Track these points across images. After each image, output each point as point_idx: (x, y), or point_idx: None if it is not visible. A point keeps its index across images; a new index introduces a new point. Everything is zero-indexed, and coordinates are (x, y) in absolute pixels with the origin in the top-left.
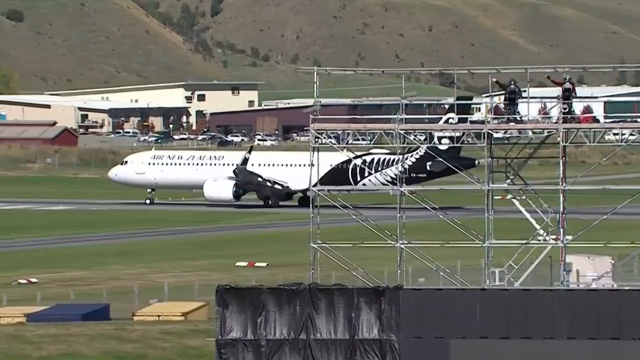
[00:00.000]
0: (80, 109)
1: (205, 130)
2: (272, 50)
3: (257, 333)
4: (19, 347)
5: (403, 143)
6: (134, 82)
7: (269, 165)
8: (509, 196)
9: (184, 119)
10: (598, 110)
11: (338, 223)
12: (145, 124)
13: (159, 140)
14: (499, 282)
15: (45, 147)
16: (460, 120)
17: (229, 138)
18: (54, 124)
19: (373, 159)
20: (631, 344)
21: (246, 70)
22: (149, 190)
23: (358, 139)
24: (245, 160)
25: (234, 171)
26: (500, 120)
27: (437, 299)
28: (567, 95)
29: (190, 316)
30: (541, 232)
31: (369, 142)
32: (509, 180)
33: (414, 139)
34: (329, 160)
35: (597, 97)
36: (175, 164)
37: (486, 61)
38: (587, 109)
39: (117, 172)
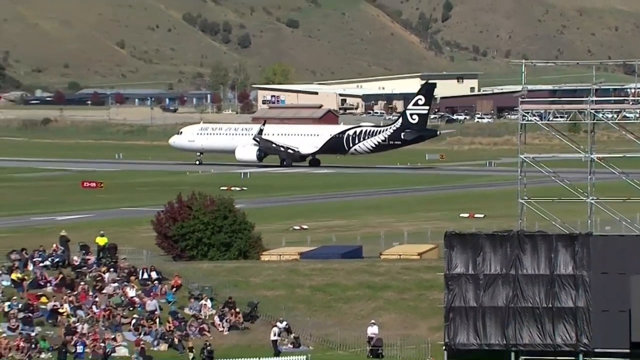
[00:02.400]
0: (340, 95)
1: (436, 110)
2: (489, 47)
3: (476, 269)
4: (294, 278)
5: (593, 120)
6: (382, 74)
7: (283, 134)
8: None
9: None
10: None
11: (540, 183)
12: (390, 106)
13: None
14: None
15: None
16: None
17: (455, 116)
18: (320, 106)
19: (362, 130)
20: None
21: (468, 63)
22: (198, 153)
23: (557, 117)
24: (260, 131)
25: (254, 138)
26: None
27: (620, 243)
28: None
29: (424, 256)
30: None
31: (565, 119)
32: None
33: (602, 116)
34: (330, 131)
35: None
36: (217, 134)
37: None
38: None
39: (175, 140)
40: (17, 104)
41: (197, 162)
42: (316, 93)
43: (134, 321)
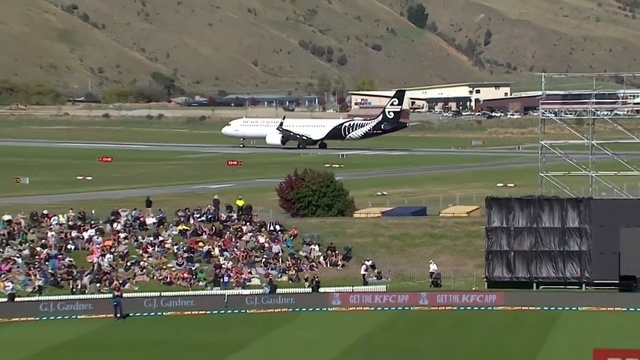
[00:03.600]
0: (410, 98)
1: (480, 109)
2: (518, 64)
3: (508, 223)
4: (377, 229)
5: (593, 116)
6: (440, 83)
7: (299, 126)
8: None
9: (468, 104)
10: None
11: (554, 161)
12: (446, 106)
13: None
14: None
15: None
16: None
17: (493, 114)
18: None
19: (354, 123)
20: None
21: (503, 75)
22: (241, 139)
23: (567, 114)
24: (281, 124)
25: (277, 128)
26: None
27: (612, 205)
28: None
29: (471, 214)
30: None
31: (573, 115)
32: None
33: (600, 113)
34: (332, 123)
35: None
36: (254, 126)
37: None
38: None
39: (225, 130)
40: (183, 105)
41: (241, 146)
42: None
43: (263, 260)
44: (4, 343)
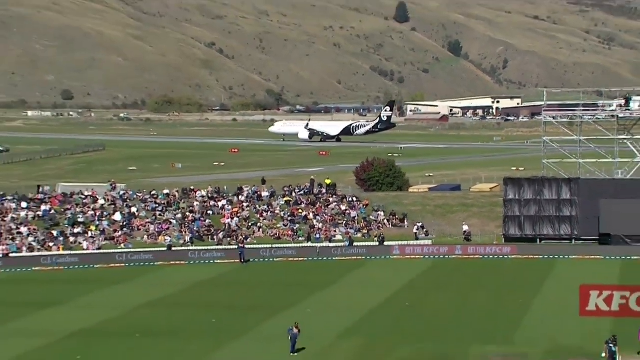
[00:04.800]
0: (449, 106)
1: (499, 115)
2: (527, 82)
3: (520, 196)
4: (426, 201)
5: (581, 119)
6: (470, 96)
7: (321, 126)
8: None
9: (491, 110)
10: None
11: (553, 152)
12: (475, 112)
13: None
14: (620, 176)
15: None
16: None
17: (509, 118)
18: (439, 113)
19: (359, 124)
20: None
21: (516, 90)
22: (282, 135)
23: (562, 118)
24: (307, 124)
25: (304, 127)
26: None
27: (594, 183)
28: None
29: (493, 190)
30: None
31: (567, 119)
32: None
33: (585, 117)
34: (344, 124)
35: None
36: (289, 126)
37: None
38: None
39: (271, 129)
40: (287, 112)
41: (282, 140)
42: (437, 106)
43: (344, 222)
44: (165, 280)
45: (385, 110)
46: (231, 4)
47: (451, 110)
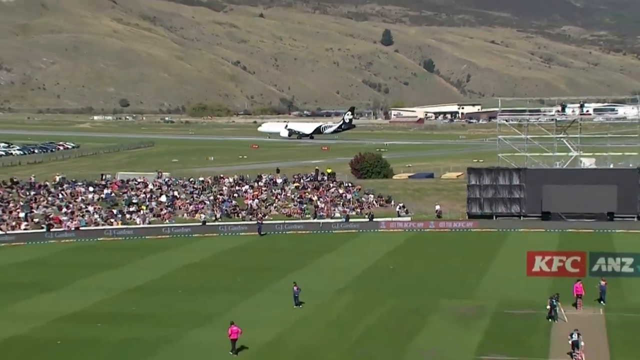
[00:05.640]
0: (425, 111)
1: (464, 118)
2: (487, 92)
3: (480, 182)
4: (406, 186)
5: (527, 121)
6: (441, 103)
7: (298, 126)
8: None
9: (457, 115)
10: None
11: (506, 147)
12: (447, 115)
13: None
14: (558, 167)
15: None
16: None
17: (471, 121)
18: (416, 117)
19: (327, 125)
20: None
21: (477, 99)
22: (268, 134)
23: (513, 121)
24: (287, 125)
25: (285, 127)
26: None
27: (538, 172)
28: None
29: (459, 177)
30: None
31: (517, 121)
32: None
33: (533, 120)
34: (315, 125)
35: None
36: (273, 125)
37: None
38: None
39: (259, 129)
40: (297, 116)
41: (268, 138)
42: (415, 111)
43: (342, 203)
44: (201, 249)
45: (347, 115)
46: (253, 30)
47: (426, 114)
